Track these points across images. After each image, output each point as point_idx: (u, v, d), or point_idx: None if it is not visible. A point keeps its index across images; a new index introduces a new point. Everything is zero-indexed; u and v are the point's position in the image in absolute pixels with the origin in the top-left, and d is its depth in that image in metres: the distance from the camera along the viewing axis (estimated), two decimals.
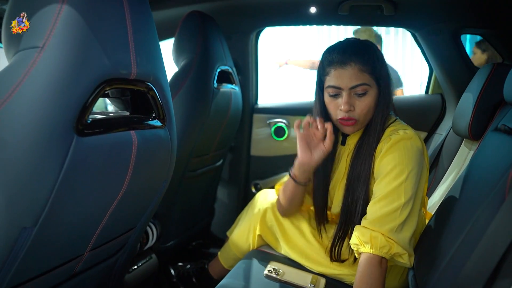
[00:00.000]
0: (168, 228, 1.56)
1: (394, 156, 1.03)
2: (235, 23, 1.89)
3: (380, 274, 0.99)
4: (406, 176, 1.00)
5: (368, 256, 0.99)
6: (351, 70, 1.05)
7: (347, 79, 1.05)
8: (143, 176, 0.79)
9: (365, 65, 1.05)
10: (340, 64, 1.06)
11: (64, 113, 0.58)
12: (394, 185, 1.01)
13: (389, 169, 1.03)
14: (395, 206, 1.00)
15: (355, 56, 1.05)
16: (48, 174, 0.58)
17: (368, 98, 1.07)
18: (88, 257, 0.81)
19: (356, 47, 1.08)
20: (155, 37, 0.78)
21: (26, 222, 0.58)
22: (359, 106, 1.06)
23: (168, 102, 0.84)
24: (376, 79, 1.07)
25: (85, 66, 0.60)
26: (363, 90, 1.06)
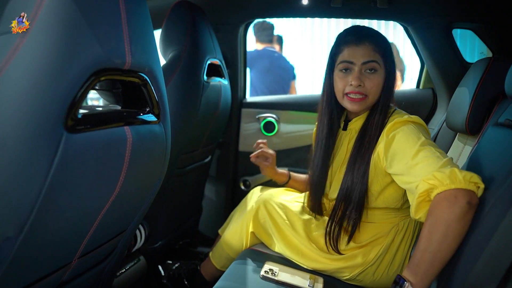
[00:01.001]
0: (156, 229, 1.49)
1: (401, 136, 1.04)
2: (223, 15, 1.83)
3: (470, 215, 0.83)
4: (423, 141, 0.99)
5: (452, 193, 0.84)
6: (364, 48, 1.11)
7: (360, 55, 1.11)
8: (138, 176, 0.72)
9: (378, 46, 1.11)
10: (355, 42, 1.12)
11: (52, 107, 0.51)
12: (417, 148, 0.97)
13: (402, 146, 1.02)
14: (436, 155, 0.93)
15: (370, 37, 1.12)
16: (34, 177, 0.50)
17: (377, 77, 1.12)
18: (76, 265, 0.74)
19: (370, 30, 1.17)
20: (149, 26, 0.71)
21: (8, 232, 0.51)
22: (369, 83, 1.11)
23: (163, 96, 0.77)
24: (385, 64, 1.12)
25: (75, 53, 0.53)
26: (374, 67, 1.11)
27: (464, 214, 0.82)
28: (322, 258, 1.19)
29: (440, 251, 0.83)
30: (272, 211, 1.28)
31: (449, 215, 0.82)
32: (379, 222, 1.19)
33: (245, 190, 2.04)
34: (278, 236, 1.26)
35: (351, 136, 1.21)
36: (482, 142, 1.08)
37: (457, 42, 1.73)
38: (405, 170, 0.98)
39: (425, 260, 0.84)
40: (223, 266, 1.37)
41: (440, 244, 0.83)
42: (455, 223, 0.82)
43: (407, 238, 1.19)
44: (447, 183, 0.85)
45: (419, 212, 0.92)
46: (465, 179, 0.85)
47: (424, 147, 0.97)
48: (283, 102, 2.02)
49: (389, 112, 1.14)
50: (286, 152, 1.98)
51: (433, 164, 0.91)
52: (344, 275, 1.18)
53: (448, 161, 0.92)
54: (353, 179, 1.14)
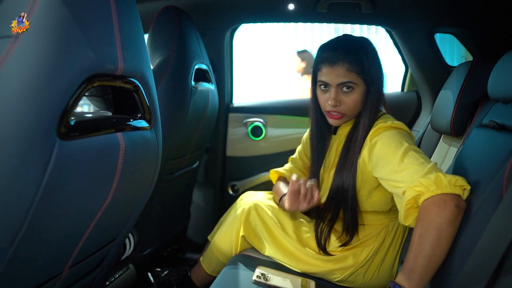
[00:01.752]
0: (144, 236, 1.47)
1: (384, 142, 1.06)
2: (210, 20, 1.83)
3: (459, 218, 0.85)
4: (406, 147, 1.00)
5: (440, 198, 0.86)
6: (339, 69, 1.12)
7: (334, 77, 1.13)
8: (130, 182, 0.71)
9: (353, 65, 1.11)
10: (329, 62, 1.14)
11: (45, 115, 0.50)
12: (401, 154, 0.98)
13: (385, 151, 1.03)
14: (420, 161, 0.95)
15: (344, 56, 1.12)
16: (27, 187, 0.49)
17: (354, 95, 1.13)
18: (67, 275, 0.72)
19: (346, 47, 1.14)
20: (141, 30, 0.71)
21: (1, 243, 0.49)
22: (345, 102, 1.14)
23: (154, 101, 0.77)
24: (364, 78, 1.13)
25: (68, 59, 0.52)
26: (350, 86, 1.12)
27: (455, 217, 0.84)
28: (313, 260, 1.20)
29: (434, 255, 0.84)
30: (263, 214, 1.29)
31: (440, 220, 0.84)
32: (369, 224, 1.21)
33: (233, 195, 2.04)
34: (269, 239, 1.26)
35: (340, 141, 1.24)
36: (467, 144, 1.11)
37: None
38: (390, 176, 1.00)
39: (419, 265, 0.84)
40: (213, 271, 1.36)
41: (433, 248, 0.84)
42: (446, 227, 0.84)
43: (397, 238, 1.21)
44: (434, 189, 0.87)
45: (408, 219, 0.94)
46: (451, 184, 0.87)
47: (407, 153, 0.98)
48: (270, 107, 2.03)
49: (376, 117, 1.15)
50: (273, 156, 1.98)
51: (418, 170, 0.93)
52: (335, 276, 1.19)
53: (432, 166, 0.94)
54: (342, 182, 1.16)
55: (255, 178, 2.00)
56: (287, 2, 1.64)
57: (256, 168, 2.01)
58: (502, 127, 0.97)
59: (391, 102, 1.93)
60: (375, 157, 1.06)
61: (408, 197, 0.91)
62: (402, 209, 0.94)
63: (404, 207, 0.92)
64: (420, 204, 0.90)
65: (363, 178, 1.14)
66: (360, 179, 1.14)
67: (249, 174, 2.02)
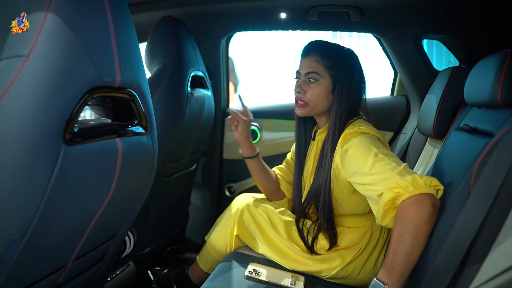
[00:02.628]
0: (144, 235, 1.54)
1: (353, 149, 1.09)
2: (206, 28, 1.90)
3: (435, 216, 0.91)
4: (375, 152, 1.04)
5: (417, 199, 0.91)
6: (309, 60, 1.23)
7: (304, 67, 1.24)
8: (128, 183, 0.79)
9: (322, 59, 1.21)
10: (303, 54, 1.26)
11: (52, 123, 0.57)
12: (371, 159, 1.02)
13: (355, 158, 1.07)
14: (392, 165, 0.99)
15: (315, 50, 1.24)
16: (37, 185, 0.57)
17: (318, 87, 1.22)
18: (71, 268, 0.80)
19: (321, 44, 1.25)
20: (136, 44, 0.78)
21: (15, 234, 0.57)
22: (309, 91, 1.22)
23: (149, 109, 0.84)
24: (332, 75, 1.20)
25: (72, 74, 0.60)
26: (314, 78, 1.21)
27: (431, 216, 0.90)
28: (302, 258, 1.26)
29: (412, 252, 0.90)
30: (256, 214, 1.35)
31: (418, 219, 0.90)
32: (353, 227, 1.27)
33: (230, 197, 2.10)
34: (262, 238, 1.32)
35: (318, 146, 1.30)
36: (445, 146, 1.18)
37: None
38: (364, 181, 1.04)
39: (399, 262, 0.90)
40: (209, 269, 1.43)
41: (412, 246, 0.89)
42: (424, 225, 0.90)
43: (382, 237, 1.27)
44: (411, 190, 0.92)
45: (385, 219, 0.99)
46: (426, 184, 0.93)
47: (377, 157, 1.02)
48: (265, 111, 2.09)
49: (348, 122, 1.19)
50: (268, 159, 2.04)
51: (390, 174, 0.97)
52: (323, 275, 1.25)
53: (405, 168, 0.99)
54: (318, 186, 1.22)
55: (251, 180, 2.07)
56: (279, 11, 1.71)
57: None
58: (475, 130, 1.03)
59: (381, 106, 2.01)
60: (347, 164, 1.10)
61: (387, 199, 0.96)
62: (380, 210, 0.97)
63: (382, 208, 0.97)
64: (397, 205, 0.95)
65: (339, 183, 1.19)
66: (336, 184, 1.20)
67: (245, 176, 2.09)
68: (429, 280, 0.83)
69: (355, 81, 1.22)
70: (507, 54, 0.93)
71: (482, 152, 0.88)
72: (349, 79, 1.21)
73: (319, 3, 1.60)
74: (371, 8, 1.61)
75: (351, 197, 1.21)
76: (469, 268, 0.76)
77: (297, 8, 1.67)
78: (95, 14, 0.66)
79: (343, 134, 1.15)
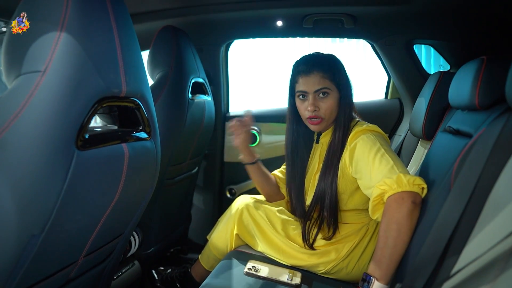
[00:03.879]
0: (148, 236, 1.61)
1: (361, 144, 1.17)
2: (206, 36, 1.97)
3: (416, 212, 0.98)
4: (378, 148, 1.12)
5: (399, 196, 0.98)
6: (314, 77, 1.26)
7: (311, 85, 1.26)
8: (133, 185, 0.86)
9: (326, 73, 1.25)
10: (305, 73, 1.28)
11: (67, 131, 0.65)
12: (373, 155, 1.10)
13: (362, 152, 1.15)
14: (389, 162, 1.07)
15: (317, 66, 1.27)
16: (54, 186, 0.64)
17: (329, 100, 1.26)
18: (82, 263, 0.86)
19: (318, 59, 1.29)
20: (140, 56, 0.85)
21: (35, 230, 0.64)
22: (323, 106, 1.26)
23: (152, 116, 0.91)
24: (337, 84, 1.26)
25: (83, 87, 0.67)
26: (325, 92, 1.25)
27: (411, 212, 0.97)
28: (299, 254, 1.32)
29: (396, 245, 0.97)
30: (255, 213, 1.41)
31: (399, 214, 0.97)
32: (351, 223, 1.33)
33: (231, 198, 2.16)
34: (260, 236, 1.38)
35: (323, 149, 1.36)
36: (432, 147, 1.24)
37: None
38: (365, 176, 1.13)
39: (385, 255, 0.97)
40: (211, 267, 1.48)
41: (395, 239, 0.97)
42: (404, 220, 0.97)
43: (376, 234, 1.33)
44: (395, 187, 1.00)
45: (375, 213, 1.08)
46: (409, 183, 1.00)
47: (379, 153, 1.11)
48: (264, 115, 2.16)
49: (352, 124, 1.27)
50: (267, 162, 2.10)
51: (384, 171, 1.06)
52: (319, 269, 1.31)
53: (398, 166, 1.06)
54: (325, 186, 1.28)
55: (251, 182, 2.12)
56: (276, 19, 1.78)
57: None
58: (457, 131, 1.10)
59: (376, 109, 2.07)
60: (355, 159, 1.18)
61: (375, 195, 1.04)
62: (370, 205, 1.07)
63: (371, 203, 1.06)
64: (385, 201, 1.03)
65: (345, 180, 1.26)
66: (342, 181, 1.26)
67: (245, 178, 2.14)
68: (413, 271, 0.89)
69: (349, 84, 1.30)
70: (483, 61, 0.99)
71: (461, 152, 0.94)
72: (347, 83, 1.29)
73: (314, 11, 1.67)
74: (364, 16, 1.68)
75: (355, 193, 1.27)
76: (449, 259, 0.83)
77: (293, 16, 1.74)
78: (103, 30, 0.73)
79: (354, 132, 1.22)
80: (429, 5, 1.49)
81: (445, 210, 0.88)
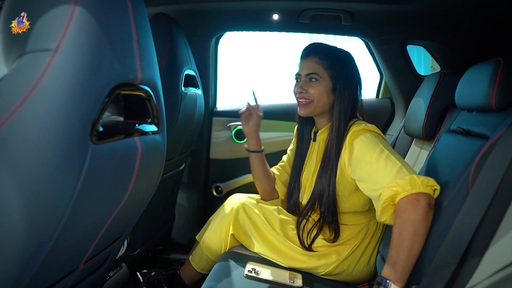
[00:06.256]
0: (135, 236, 1.51)
1: (361, 145, 1.14)
2: (196, 27, 1.88)
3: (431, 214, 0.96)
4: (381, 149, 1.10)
5: (414, 198, 0.96)
6: (308, 61, 1.28)
7: (304, 68, 1.29)
8: (143, 182, 0.77)
9: (321, 60, 1.25)
10: (303, 57, 1.31)
11: (82, 121, 0.55)
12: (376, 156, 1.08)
13: (363, 154, 1.12)
14: (395, 162, 1.05)
15: (314, 52, 1.29)
16: (67, 187, 0.54)
17: (319, 86, 1.26)
18: (81, 271, 0.77)
19: (319, 46, 1.31)
20: (152, 42, 0.77)
21: (44, 237, 0.54)
22: (311, 89, 1.27)
23: (162, 107, 0.83)
24: (331, 75, 1.26)
25: (99, 70, 0.58)
26: (314, 78, 1.26)
27: (426, 213, 0.95)
28: (299, 255, 1.28)
29: (412, 248, 0.94)
30: (251, 212, 1.36)
31: (415, 216, 0.95)
32: (351, 224, 1.30)
33: (217, 196, 2.09)
34: (258, 237, 1.33)
35: (320, 147, 1.33)
36: (438, 147, 1.23)
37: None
38: (367, 178, 1.09)
39: (401, 258, 0.94)
40: (203, 269, 1.42)
41: (412, 242, 0.94)
42: (420, 223, 0.95)
43: (376, 235, 1.31)
44: (409, 189, 0.98)
45: (384, 215, 1.04)
46: (423, 184, 0.98)
47: (383, 155, 1.08)
48: None
49: (350, 123, 1.24)
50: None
51: (393, 172, 1.03)
52: (319, 271, 1.28)
53: (407, 167, 1.04)
54: (323, 185, 1.25)
55: (239, 179, 2.07)
56: (272, 12, 1.73)
57: (240, 170, 2.08)
58: (467, 132, 1.09)
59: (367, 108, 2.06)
60: (354, 160, 1.15)
61: (386, 196, 1.01)
62: (379, 207, 1.03)
63: (381, 205, 1.02)
64: (396, 203, 1.00)
65: (343, 180, 1.23)
66: (341, 180, 1.23)
67: (232, 176, 2.09)
68: (430, 275, 0.87)
69: (353, 81, 1.27)
70: (500, 62, 0.98)
71: (478, 154, 0.93)
72: (348, 78, 1.26)
73: (312, 6, 1.63)
74: (362, 13, 1.66)
75: (353, 194, 1.24)
76: (469, 263, 0.81)
77: (290, 10, 1.69)
78: (119, 9, 0.64)
79: (351, 131, 1.18)
80: (429, 6, 1.49)
81: (463, 213, 0.86)
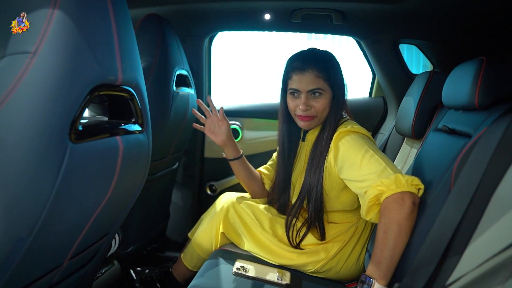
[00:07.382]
0: (128, 234, 1.53)
1: (347, 146, 1.15)
2: (189, 27, 1.90)
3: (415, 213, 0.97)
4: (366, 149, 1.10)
5: (399, 197, 0.97)
6: (308, 76, 1.22)
7: (305, 84, 1.23)
8: (126, 180, 0.79)
9: (321, 72, 1.22)
10: (300, 70, 1.23)
11: (60, 121, 0.57)
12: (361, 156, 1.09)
13: (349, 155, 1.13)
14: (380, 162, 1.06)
15: (313, 64, 1.22)
16: (45, 184, 0.56)
17: (323, 98, 1.24)
18: (66, 267, 0.79)
19: (315, 56, 1.25)
20: (135, 43, 0.78)
21: (22, 233, 0.56)
22: (315, 106, 1.24)
23: (146, 107, 0.84)
24: (331, 85, 1.24)
25: (78, 72, 0.60)
26: (318, 92, 1.23)
27: (411, 212, 0.97)
28: (288, 253, 1.30)
29: (397, 247, 0.96)
30: (241, 211, 1.37)
31: (400, 215, 0.96)
32: (339, 222, 1.32)
33: (211, 195, 2.11)
34: (247, 235, 1.34)
35: (309, 147, 1.34)
36: (425, 146, 1.24)
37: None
38: (354, 177, 1.11)
39: (385, 257, 0.96)
40: (194, 266, 1.43)
41: (396, 240, 0.96)
42: (405, 221, 0.96)
43: (365, 232, 1.32)
44: (394, 188, 0.99)
45: (369, 214, 1.06)
46: (408, 183, 0.99)
47: (367, 155, 1.09)
48: (247, 110, 2.11)
49: (340, 122, 1.26)
50: (249, 158, 2.06)
51: (378, 171, 1.04)
52: (308, 268, 1.29)
53: (392, 167, 1.05)
54: (310, 184, 1.26)
55: (232, 178, 2.08)
56: (263, 12, 1.74)
57: None
58: (453, 131, 1.10)
59: (360, 107, 2.08)
60: (340, 161, 1.16)
61: (371, 196, 1.02)
62: (364, 205, 1.05)
63: (366, 204, 1.04)
64: (381, 202, 1.02)
65: (331, 180, 1.24)
66: (328, 180, 1.24)
67: (226, 174, 2.10)
68: (413, 272, 0.88)
69: (343, 84, 1.28)
70: (483, 61, 0.99)
71: (461, 152, 0.94)
72: (341, 83, 1.27)
73: (303, 5, 1.64)
74: (353, 13, 1.66)
75: (341, 193, 1.25)
76: (449, 260, 0.82)
77: (281, 10, 1.70)
78: (99, 11, 0.66)
79: (337, 133, 1.19)
80: (420, 5, 1.49)
81: (445, 210, 0.88)
